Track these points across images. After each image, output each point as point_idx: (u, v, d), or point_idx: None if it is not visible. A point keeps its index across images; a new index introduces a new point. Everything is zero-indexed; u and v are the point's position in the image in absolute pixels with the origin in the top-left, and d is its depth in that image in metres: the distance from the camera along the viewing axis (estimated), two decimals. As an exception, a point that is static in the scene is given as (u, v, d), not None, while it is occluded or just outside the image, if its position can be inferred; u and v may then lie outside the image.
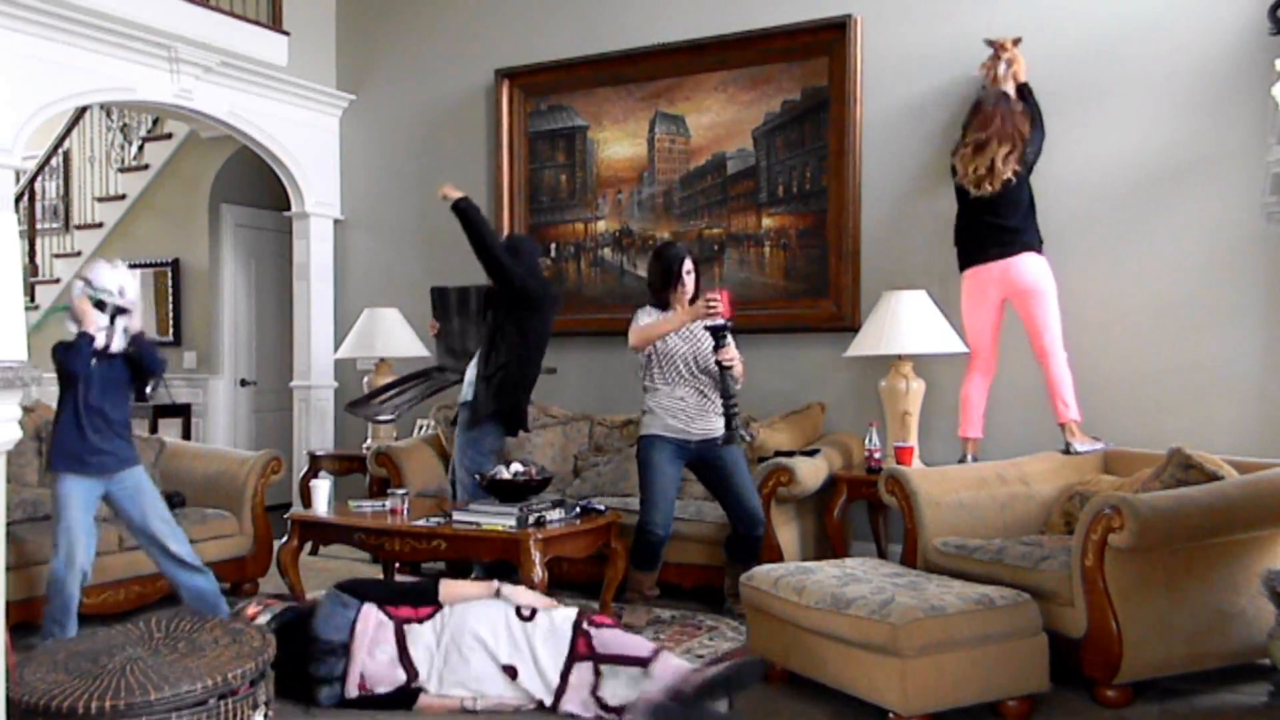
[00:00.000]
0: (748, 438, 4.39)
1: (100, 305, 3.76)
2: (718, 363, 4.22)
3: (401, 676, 3.31)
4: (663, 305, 4.38)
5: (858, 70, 5.20)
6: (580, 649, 3.26)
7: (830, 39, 5.27)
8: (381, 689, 3.31)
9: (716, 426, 4.31)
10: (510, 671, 3.28)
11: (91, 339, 3.74)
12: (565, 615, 3.36)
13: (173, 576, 4.07)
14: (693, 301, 4.32)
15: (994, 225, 4.52)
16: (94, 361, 3.77)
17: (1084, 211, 4.74)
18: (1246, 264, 4.46)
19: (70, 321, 3.82)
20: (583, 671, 3.24)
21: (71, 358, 3.73)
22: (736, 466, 4.33)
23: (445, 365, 5.58)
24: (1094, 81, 4.73)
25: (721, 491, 4.36)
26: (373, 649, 3.33)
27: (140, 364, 3.90)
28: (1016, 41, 4.65)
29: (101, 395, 3.82)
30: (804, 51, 5.37)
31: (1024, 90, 4.63)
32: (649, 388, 4.37)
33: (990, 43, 4.69)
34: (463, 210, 4.59)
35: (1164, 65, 4.61)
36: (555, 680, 3.25)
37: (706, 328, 4.22)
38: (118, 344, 3.82)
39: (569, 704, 3.24)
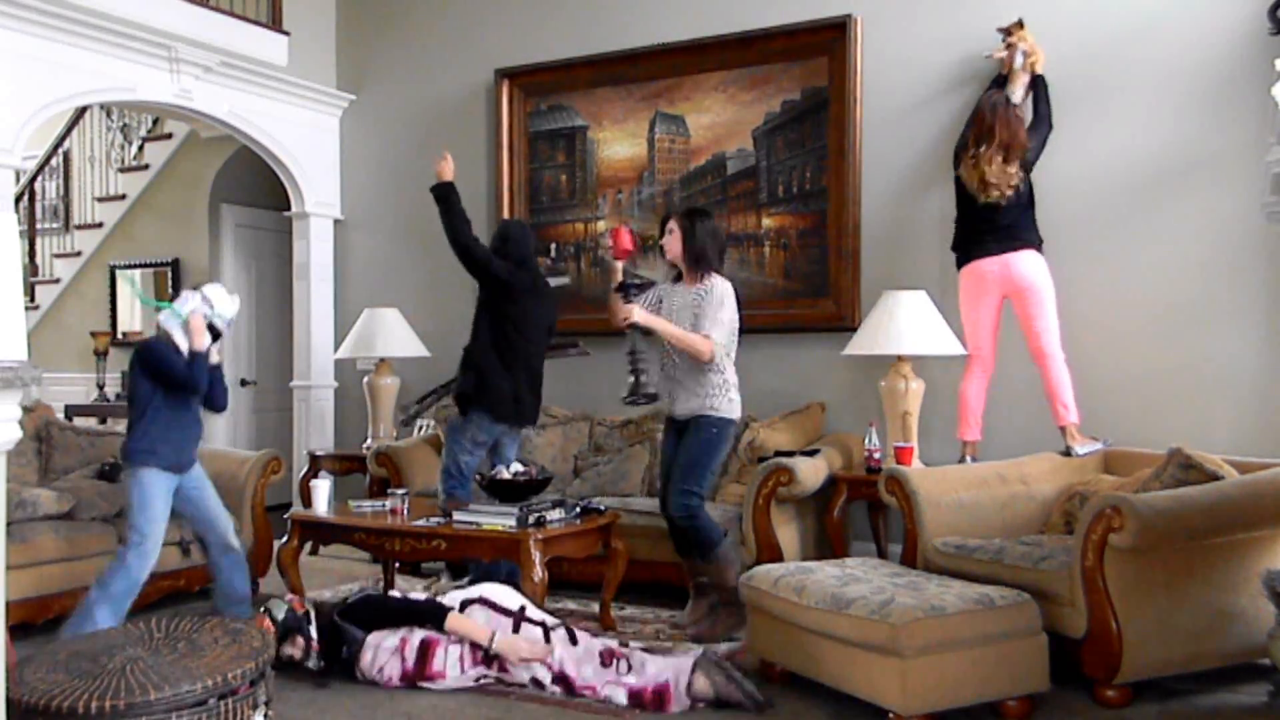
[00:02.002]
0: (653, 392, 4.19)
1: (212, 330, 4.01)
2: (622, 324, 4.11)
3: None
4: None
5: (858, 70, 5.20)
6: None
7: (830, 39, 5.27)
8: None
9: (690, 406, 4.17)
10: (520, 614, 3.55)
11: (205, 356, 3.97)
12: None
13: (220, 566, 4.23)
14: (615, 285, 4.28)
15: (992, 222, 4.52)
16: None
17: (1084, 211, 4.74)
18: (1246, 264, 4.46)
19: (178, 329, 3.97)
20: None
21: (196, 374, 3.95)
22: (680, 449, 4.19)
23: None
24: (1094, 81, 4.72)
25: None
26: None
27: (213, 395, 4.13)
28: (1020, 24, 4.66)
29: (185, 402, 4.04)
30: (804, 51, 5.37)
31: (1038, 82, 4.62)
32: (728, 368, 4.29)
33: (1003, 30, 4.69)
34: (444, 196, 4.69)
35: (1164, 65, 4.61)
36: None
37: (615, 287, 4.20)
38: (214, 359, 4.09)
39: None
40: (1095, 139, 4.73)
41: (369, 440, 6.14)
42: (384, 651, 3.50)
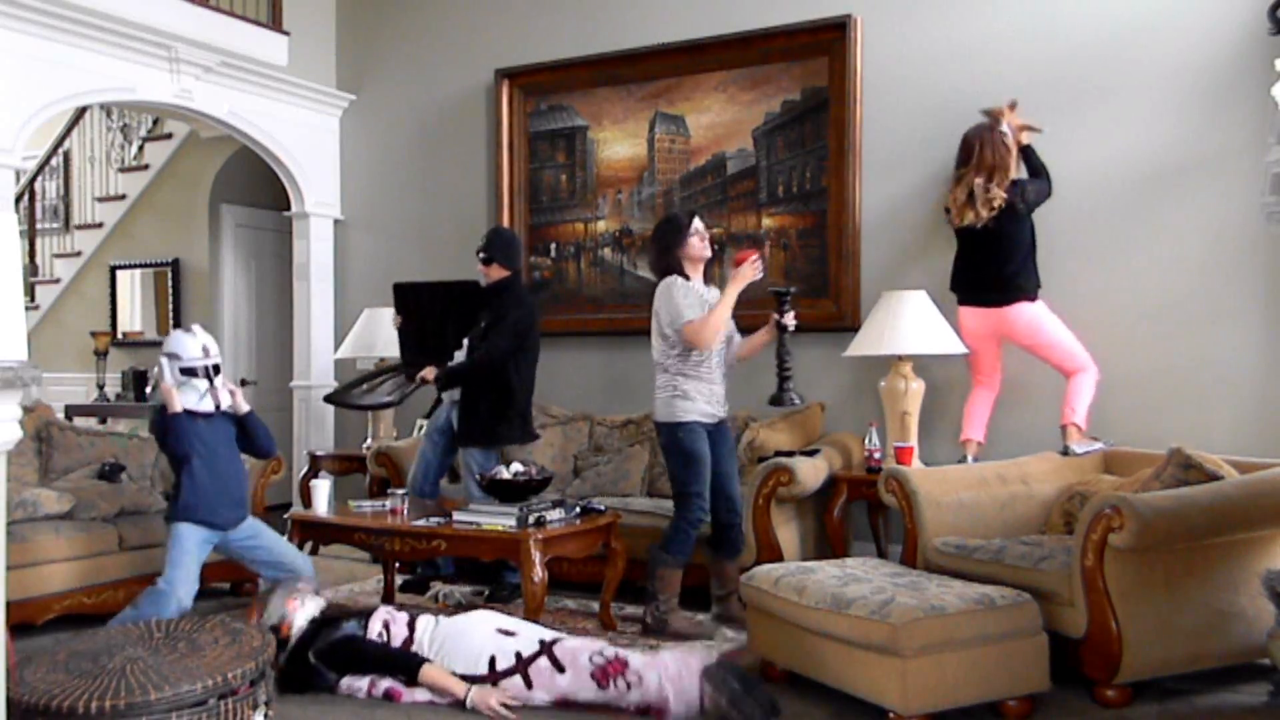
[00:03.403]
0: (797, 400, 4.32)
1: (193, 373, 3.98)
2: (780, 325, 4.21)
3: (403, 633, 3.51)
4: (680, 272, 4.28)
5: (858, 70, 5.20)
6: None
7: (830, 39, 5.27)
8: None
9: (726, 407, 4.34)
10: (506, 634, 3.45)
11: (180, 416, 3.94)
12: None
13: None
14: (772, 289, 4.33)
15: (989, 270, 4.52)
16: (200, 421, 3.99)
17: (1084, 211, 4.74)
18: (1246, 264, 4.46)
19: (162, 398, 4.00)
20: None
21: (174, 442, 3.94)
22: (730, 450, 4.34)
23: (411, 363, 5.30)
24: (1094, 81, 4.73)
25: (711, 474, 4.28)
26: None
27: (253, 442, 4.17)
28: (1013, 106, 4.61)
29: (213, 455, 4.00)
30: (804, 51, 5.37)
31: (1026, 151, 4.61)
32: (683, 371, 4.21)
33: (987, 113, 4.61)
34: (453, 378, 4.81)
35: (1164, 65, 4.61)
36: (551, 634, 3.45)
37: (772, 291, 4.26)
38: (225, 400, 4.05)
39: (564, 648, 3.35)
40: (1095, 138, 4.72)
41: (369, 440, 6.14)
42: (359, 686, 3.47)
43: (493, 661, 3.36)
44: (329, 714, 3.29)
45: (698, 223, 4.30)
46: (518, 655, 3.35)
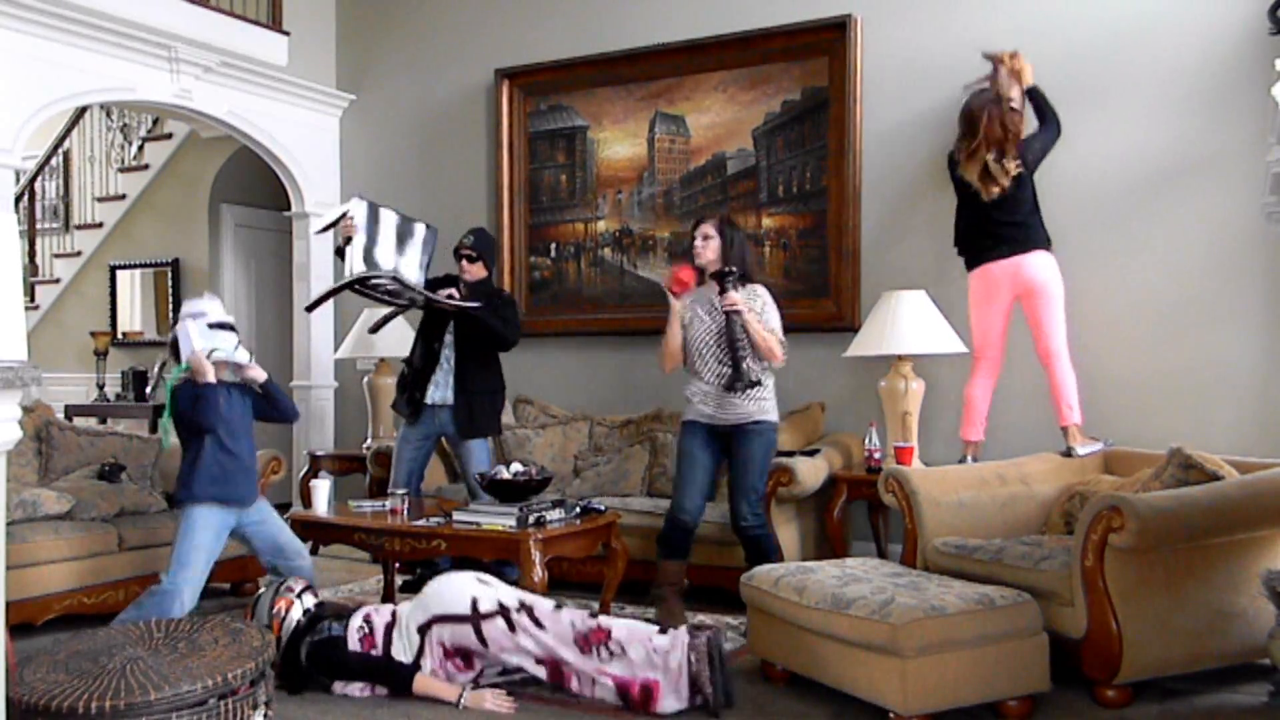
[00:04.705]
0: (754, 379, 4.12)
1: (222, 327, 3.93)
2: (725, 310, 4.12)
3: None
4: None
5: (858, 70, 5.20)
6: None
7: (830, 39, 5.27)
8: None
9: (744, 410, 4.19)
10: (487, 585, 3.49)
11: (215, 388, 3.86)
12: None
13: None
14: (712, 273, 4.25)
15: (1001, 223, 4.49)
16: (221, 402, 3.92)
17: (1084, 211, 4.75)
18: (1246, 264, 4.46)
19: (189, 369, 3.89)
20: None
21: (204, 412, 3.83)
22: (748, 456, 4.19)
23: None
24: (1094, 81, 4.73)
25: (729, 481, 4.32)
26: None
27: (277, 406, 4.11)
28: (1014, 55, 4.59)
29: (232, 432, 3.93)
30: (804, 51, 5.37)
31: (1033, 92, 4.58)
32: (686, 375, 4.36)
33: (989, 57, 4.60)
34: (475, 316, 4.81)
35: (1164, 65, 4.61)
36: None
37: (711, 275, 4.21)
38: (260, 376, 4.01)
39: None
40: (1095, 139, 4.73)
41: (369, 440, 6.14)
42: (352, 689, 3.46)
43: (475, 603, 3.39)
44: (329, 714, 3.29)
45: (705, 227, 4.30)
46: (499, 604, 3.38)
